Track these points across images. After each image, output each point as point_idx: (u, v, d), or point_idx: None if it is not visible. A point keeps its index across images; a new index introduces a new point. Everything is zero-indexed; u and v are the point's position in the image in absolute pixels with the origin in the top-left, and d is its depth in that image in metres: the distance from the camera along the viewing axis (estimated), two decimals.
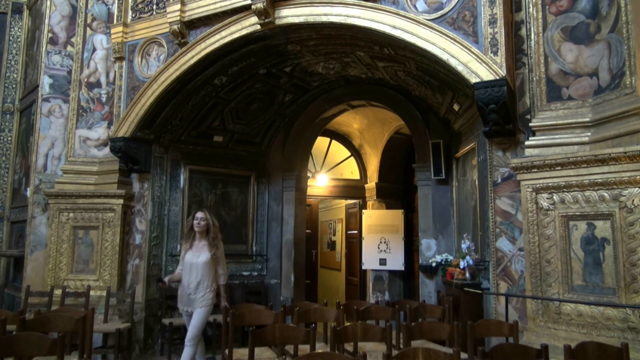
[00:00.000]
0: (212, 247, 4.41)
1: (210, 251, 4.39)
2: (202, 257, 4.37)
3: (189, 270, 4.37)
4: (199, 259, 4.36)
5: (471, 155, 5.31)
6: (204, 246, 4.42)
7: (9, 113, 7.90)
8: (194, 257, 4.41)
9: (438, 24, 4.15)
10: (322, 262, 11.08)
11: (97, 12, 6.44)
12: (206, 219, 4.44)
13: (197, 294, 4.32)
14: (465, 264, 4.77)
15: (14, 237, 7.37)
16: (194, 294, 4.32)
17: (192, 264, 4.36)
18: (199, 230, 4.43)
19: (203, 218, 4.44)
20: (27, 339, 2.77)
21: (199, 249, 4.43)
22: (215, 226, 4.51)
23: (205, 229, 4.44)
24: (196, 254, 4.40)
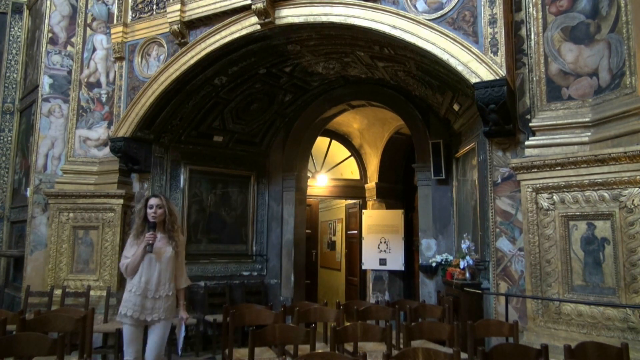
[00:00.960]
0: (171, 240, 3.55)
1: (171, 244, 3.53)
2: (164, 252, 3.50)
3: (148, 265, 3.43)
4: (161, 254, 3.48)
5: (471, 155, 5.30)
6: (162, 239, 3.54)
7: (9, 113, 7.90)
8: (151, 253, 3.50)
9: (438, 24, 4.15)
10: (322, 262, 11.08)
11: (97, 12, 6.44)
12: (163, 205, 3.54)
13: (158, 300, 3.42)
14: (465, 264, 4.77)
15: (14, 237, 7.37)
16: (154, 299, 3.41)
17: (151, 258, 3.44)
18: (156, 221, 3.52)
19: (159, 205, 3.53)
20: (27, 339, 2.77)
21: (157, 242, 3.51)
22: (173, 215, 3.60)
23: (162, 219, 3.54)
24: (156, 248, 3.49)
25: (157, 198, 3.56)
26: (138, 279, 3.41)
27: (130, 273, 3.43)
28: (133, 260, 3.42)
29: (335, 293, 10.00)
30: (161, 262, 3.46)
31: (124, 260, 3.47)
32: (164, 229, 3.54)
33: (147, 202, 3.55)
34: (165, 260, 3.48)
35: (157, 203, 3.52)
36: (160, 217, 3.51)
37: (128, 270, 3.43)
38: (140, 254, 3.40)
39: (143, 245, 3.39)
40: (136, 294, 3.38)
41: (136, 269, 3.42)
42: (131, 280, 3.43)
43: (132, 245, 3.50)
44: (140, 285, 3.40)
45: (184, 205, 6.46)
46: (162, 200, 3.55)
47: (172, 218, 3.56)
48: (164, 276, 3.46)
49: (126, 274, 3.47)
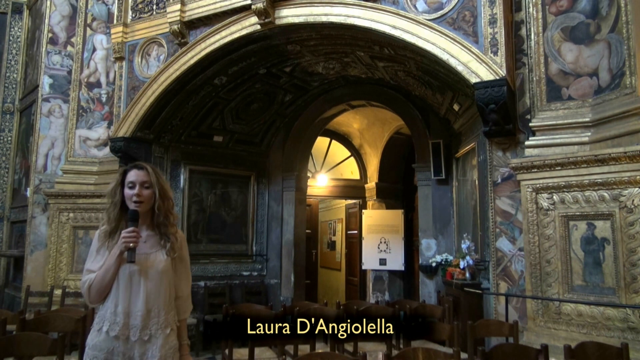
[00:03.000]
0: (164, 240, 2.15)
1: (164, 247, 2.14)
2: (153, 260, 2.11)
3: (127, 285, 2.06)
4: (148, 265, 2.09)
5: (471, 155, 5.30)
6: (150, 239, 2.15)
7: (9, 113, 7.90)
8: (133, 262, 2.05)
9: (438, 24, 4.15)
10: (322, 262, 11.08)
11: (97, 12, 6.44)
12: (151, 183, 2.12)
13: (148, 343, 2.03)
14: (465, 264, 4.77)
15: (14, 237, 7.37)
16: (141, 342, 2.02)
17: (133, 273, 2.06)
18: (139, 210, 2.10)
19: (145, 182, 2.11)
20: (27, 339, 2.77)
21: (142, 245, 2.10)
22: (168, 199, 2.18)
23: (150, 206, 2.14)
24: (140, 254, 2.07)
25: (141, 170, 2.12)
26: (112, 308, 2.02)
27: (97, 298, 2.05)
28: (101, 277, 2.02)
29: (335, 293, 10.00)
30: (149, 278, 2.06)
31: (86, 275, 2.08)
32: (152, 222, 2.15)
33: (125, 177, 2.12)
34: (157, 273, 2.08)
35: (143, 179, 2.10)
36: (147, 202, 2.10)
37: (92, 293, 2.04)
38: (114, 265, 2.01)
39: (117, 249, 2.01)
40: (109, 336, 1.99)
41: (106, 289, 2.03)
42: (100, 311, 2.07)
43: (99, 251, 2.11)
44: (115, 319, 2.00)
45: (184, 205, 6.46)
46: (149, 175, 2.12)
47: (167, 204, 2.15)
48: (155, 301, 2.06)
49: (89, 299, 2.08)
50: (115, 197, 2.14)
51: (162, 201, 2.15)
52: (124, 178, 2.15)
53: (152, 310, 2.06)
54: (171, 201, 2.22)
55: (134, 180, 2.12)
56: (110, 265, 2.04)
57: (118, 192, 2.15)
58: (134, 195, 2.09)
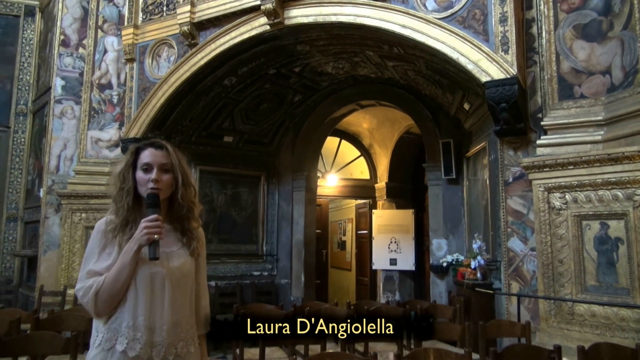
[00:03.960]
0: (186, 238, 1.75)
1: (187, 246, 1.74)
2: (176, 260, 1.70)
3: (148, 291, 1.62)
4: (171, 266, 1.68)
5: (482, 155, 5.27)
6: (169, 234, 1.72)
7: (22, 115, 8.00)
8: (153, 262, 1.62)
9: (448, 22, 4.13)
10: (333, 262, 11.07)
11: (108, 14, 6.50)
12: (171, 165, 1.71)
13: (172, 358, 1.63)
14: (477, 264, 4.74)
15: (27, 237, 7.45)
16: (165, 356, 1.61)
17: (155, 275, 1.64)
18: (158, 195, 1.67)
19: (164, 163, 1.70)
20: (40, 338, 2.80)
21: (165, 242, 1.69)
22: (190, 186, 1.76)
23: (169, 194, 1.72)
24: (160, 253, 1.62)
25: (160, 150, 1.70)
26: (129, 320, 1.58)
27: (107, 307, 1.58)
28: (113, 279, 1.57)
29: (346, 293, 9.99)
30: (174, 283, 1.66)
31: (88, 279, 1.60)
32: (168, 214, 1.73)
33: (138, 157, 1.70)
34: (182, 277, 1.69)
35: (161, 160, 1.68)
36: (166, 190, 1.68)
37: (101, 301, 1.57)
38: (129, 264, 1.58)
39: (135, 243, 1.57)
40: (127, 356, 1.56)
41: (118, 296, 1.59)
42: (110, 324, 1.59)
43: (104, 249, 1.65)
44: (135, 334, 1.57)
45: None
46: (169, 155, 1.70)
47: (189, 193, 1.74)
48: (182, 312, 1.67)
49: (96, 309, 1.58)
50: (126, 182, 1.69)
51: (184, 188, 1.72)
52: (137, 158, 1.71)
53: (178, 323, 1.65)
54: (194, 189, 1.79)
55: (151, 162, 1.68)
56: (125, 264, 1.58)
57: (129, 176, 1.69)
58: (150, 181, 1.65)
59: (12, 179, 7.84)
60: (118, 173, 1.72)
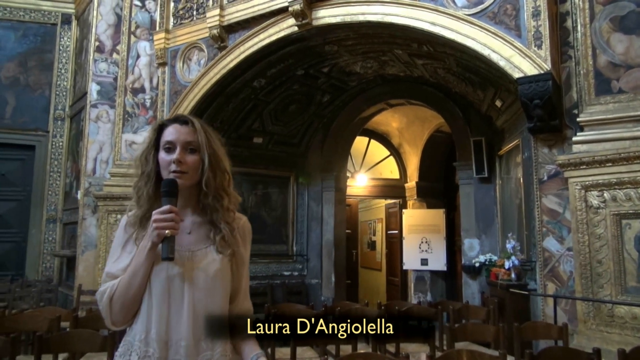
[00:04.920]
0: (216, 230, 1.43)
1: (216, 241, 1.42)
2: (202, 260, 1.41)
3: (163, 298, 1.35)
4: (194, 267, 1.39)
5: (515, 153, 5.16)
6: (195, 226, 1.45)
7: (60, 119, 8.27)
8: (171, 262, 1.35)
9: (478, 18, 4.06)
10: (363, 262, 11.04)
11: (140, 19, 6.65)
12: (198, 144, 1.42)
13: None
14: (511, 264, 4.64)
15: (66, 238, 7.70)
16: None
17: (172, 278, 1.36)
18: (181, 180, 1.39)
19: (190, 141, 1.42)
20: (79, 336, 2.89)
21: (185, 237, 1.42)
22: (221, 168, 1.47)
23: (196, 179, 1.43)
24: (183, 251, 1.39)
25: (185, 125, 1.44)
26: (141, 333, 1.35)
27: (122, 316, 1.38)
28: (127, 284, 1.36)
29: (376, 293, 9.94)
30: (197, 287, 1.38)
31: (104, 283, 1.41)
32: (198, 204, 1.46)
33: (162, 133, 1.45)
34: (208, 280, 1.39)
35: (186, 138, 1.42)
36: (192, 173, 1.42)
37: (116, 309, 1.37)
38: (143, 265, 1.35)
39: (148, 241, 1.34)
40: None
41: (135, 303, 1.37)
42: (125, 336, 1.40)
43: (125, 246, 1.44)
44: (147, 350, 1.33)
45: None
46: (196, 132, 1.44)
47: (220, 179, 1.46)
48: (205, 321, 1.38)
49: (111, 318, 1.38)
50: (147, 165, 1.42)
51: (212, 173, 1.43)
52: (159, 136, 1.44)
53: (202, 338, 1.35)
54: (227, 175, 1.49)
55: (174, 140, 1.41)
56: (138, 265, 1.34)
57: (151, 158, 1.43)
58: (172, 162, 1.38)
59: (51, 182, 8.11)
60: (139, 155, 1.46)
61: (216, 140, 1.49)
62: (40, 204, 8.02)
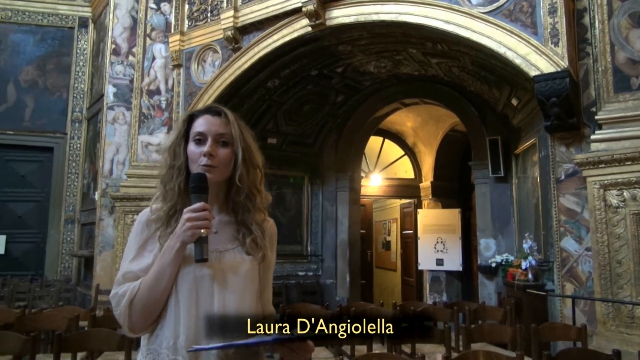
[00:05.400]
0: (245, 230, 1.34)
1: (249, 247, 1.33)
2: (231, 261, 1.31)
3: (191, 301, 1.24)
4: (224, 268, 1.29)
5: (532, 152, 5.10)
6: (224, 227, 1.35)
7: (77, 121, 8.39)
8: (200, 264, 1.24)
9: (493, 16, 4.02)
10: (377, 262, 11.00)
11: (155, 22, 6.71)
12: (231, 137, 1.34)
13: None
14: (528, 264, 4.59)
15: (84, 239, 7.81)
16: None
17: (200, 279, 1.25)
18: (211, 175, 1.28)
19: (223, 134, 1.33)
20: (97, 335, 2.93)
21: (212, 236, 1.27)
22: (255, 167, 1.37)
23: (227, 174, 1.33)
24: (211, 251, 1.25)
25: (217, 117, 1.37)
26: (169, 339, 1.23)
27: (144, 321, 1.25)
28: (151, 285, 1.24)
29: (391, 293, 9.89)
30: (229, 289, 1.29)
31: (122, 285, 1.28)
32: (227, 201, 1.38)
33: (192, 124, 1.36)
34: (239, 282, 1.31)
35: (218, 130, 1.34)
36: (223, 168, 1.33)
37: (136, 314, 1.24)
38: (170, 266, 1.24)
39: (177, 240, 1.23)
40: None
41: (158, 307, 1.25)
42: (150, 343, 1.27)
43: (145, 245, 1.33)
44: (176, 357, 1.22)
45: None
46: (229, 124, 1.37)
47: (253, 175, 1.37)
48: None
49: (130, 323, 1.25)
50: (177, 158, 1.33)
51: (245, 169, 1.33)
52: (188, 127, 1.36)
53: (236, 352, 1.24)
54: (260, 171, 1.39)
55: (205, 131, 1.32)
56: (164, 266, 1.23)
57: (181, 150, 1.33)
58: (202, 155, 1.29)
59: (69, 183, 8.24)
60: (168, 147, 1.36)
61: (249, 135, 1.41)
62: (59, 204, 8.15)
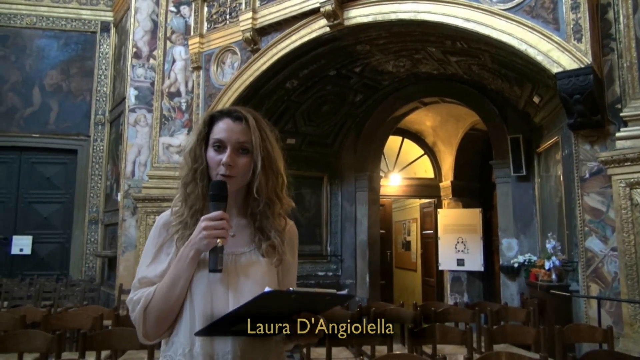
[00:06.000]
0: (262, 235, 1.32)
1: (265, 252, 1.29)
2: (247, 264, 1.28)
3: (206, 306, 1.21)
4: (239, 272, 1.26)
5: (555, 150, 5.01)
6: (241, 231, 1.32)
7: (100, 124, 8.55)
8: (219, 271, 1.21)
9: (514, 13, 3.96)
10: (397, 263, 10.94)
11: (175, 25, 6.80)
12: (251, 145, 1.30)
13: None
14: (551, 264, 4.51)
15: (107, 239, 7.95)
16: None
17: (213, 283, 1.23)
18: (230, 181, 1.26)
19: (243, 142, 1.29)
20: (121, 334, 2.98)
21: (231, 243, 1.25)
22: (276, 174, 1.36)
23: (245, 182, 1.31)
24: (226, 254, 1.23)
25: (238, 122, 1.31)
26: (185, 345, 1.21)
27: (158, 328, 1.25)
28: (166, 293, 1.22)
29: (412, 294, 9.83)
30: (243, 294, 1.22)
31: (137, 290, 1.26)
32: (244, 206, 1.36)
33: (212, 127, 1.33)
34: (255, 287, 1.22)
35: (239, 138, 1.30)
36: (242, 177, 1.30)
37: (151, 321, 1.23)
38: (184, 274, 1.22)
39: (192, 249, 1.21)
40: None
41: (172, 315, 1.24)
42: (166, 349, 1.26)
43: (162, 249, 1.31)
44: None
45: None
46: (250, 131, 1.31)
47: (272, 183, 1.36)
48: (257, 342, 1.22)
49: (144, 330, 1.25)
50: (198, 161, 1.30)
51: (265, 177, 1.31)
52: (209, 129, 1.32)
53: (248, 349, 1.21)
54: (281, 177, 1.38)
55: (224, 139, 1.28)
56: (178, 274, 1.21)
57: (202, 153, 1.30)
58: (221, 164, 1.26)
59: (93, 184, 8.40)
60: (189, 150, 1.32)
61: (272, 139, 1.37)
62: (83, 206, 8.31)
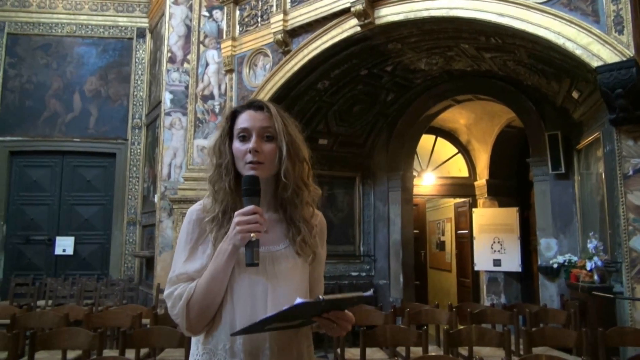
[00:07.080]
0: (294, 228, 1.34)
1: (299, 247, 1.33)
2: (282, 262, 1.32)
3: (246, 304, 1.26)
4: (276, 271, 1.30)
5: (595, 146, 4.85)
6: (274, 226, 1.34)
7: (137, 128, 8.79)
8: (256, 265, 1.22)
9: (551, 6, 3.85)
10: (432, 263, 10.81)
11: (208, 29, 6.92)
12: (275, 130, 1.31)
13: None
14: (593, 265, 4.36)
15: (145, 240, 8.16)
16: None
17: (254, 283, 1.27)
18: (259, 175, 1.27)
19: (267, 127, 1.31)
20: (159, 332, 3.05)
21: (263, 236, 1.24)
22: (301, 160, 1.36)
23: (274, 170, 1.32)
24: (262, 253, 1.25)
25: (259, 111, 1.33)
26: (226, 341, 1.25)
27: (201, 322, 1.27)
28: (206, 287, 1.24)
29: (446, 295, 9.68)
30: (281, 292, 1.28)
31: (177, 285, 1.29)
32: (275, 198, 1.37)
33: (235, 121, 1.34)
34: (291, 286, 1.32)
35: (262, 124, 1.32)
36: (269, 164, 1.32)
37: (194, 314, 1.25)
38: (224, 269, 1.24)
39: (229, 244, 1.23)
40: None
41: (213, 309, 1.26)
42: (206, 343, 1.28)
43: (197, 244, 1.33)
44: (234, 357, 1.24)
45: None
46: (272, 117, 1.33)
47: (299, 169, 1.36)
48: (290, 330, 1.29)
49: (188, 324, 1.26)
50: (223, 157, 1.31)
51: (291, 163, 1.31)
52: (232, 123, 1.34)
53: (285, 346, 1.26)
54: (306, 165, 1.38)
55: (249, 126, 1.30)
56: (217, 269, 1.23)
57: (226, 149, 1.32)
58: (248, 152, 1.27)
59: (131, 187, 8.64)
60: (213, 145, 1.34)
61: (294, 127, 1.37)
62: (121, 207, 8.57)
